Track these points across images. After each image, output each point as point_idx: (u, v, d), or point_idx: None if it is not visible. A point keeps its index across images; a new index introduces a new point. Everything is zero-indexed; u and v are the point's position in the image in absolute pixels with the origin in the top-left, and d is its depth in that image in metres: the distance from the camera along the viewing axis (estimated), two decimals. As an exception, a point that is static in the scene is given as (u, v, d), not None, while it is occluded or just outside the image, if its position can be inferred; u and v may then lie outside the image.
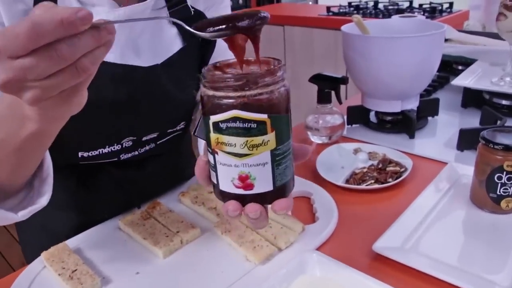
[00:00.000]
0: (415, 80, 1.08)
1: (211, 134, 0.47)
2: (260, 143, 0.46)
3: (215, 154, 0.48)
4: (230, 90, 0.45)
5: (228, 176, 0.48)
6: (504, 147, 0.77)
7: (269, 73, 0.46)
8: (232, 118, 0.45)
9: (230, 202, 0.50)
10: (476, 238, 0.76)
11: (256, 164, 0.47)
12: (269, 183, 0.48)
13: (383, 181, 0.90)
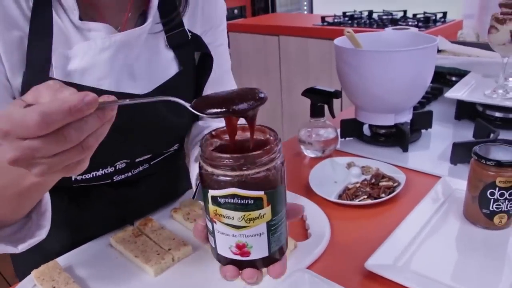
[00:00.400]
0: (408, 93, 1.08)
1: (209, 205, 0.48)
2: (257, 216, 0.47)
3: (213, 223, 0.49)
4: (228, 169, 0.46)
5: (226, 243, 0.49)
6: (496, 163, 0.76)
7: (266, 152, 0.47)
8: (230, 195, 0.46)
9: (228, 267, 0.51)
10: (469, 255, 0.76)
11: (253, 234, 0.48)
12: (265, 250, 0.50)
13: (376, 196, 0.90)
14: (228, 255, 0.50)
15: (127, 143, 0.79)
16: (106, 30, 0.74)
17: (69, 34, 0.72)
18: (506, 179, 0.76)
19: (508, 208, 0.79)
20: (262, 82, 3.13)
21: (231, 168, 0.46)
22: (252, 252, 0.49)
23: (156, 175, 0.91)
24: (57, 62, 0.71)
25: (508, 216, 0.80)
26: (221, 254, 0.51)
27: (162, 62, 0.82)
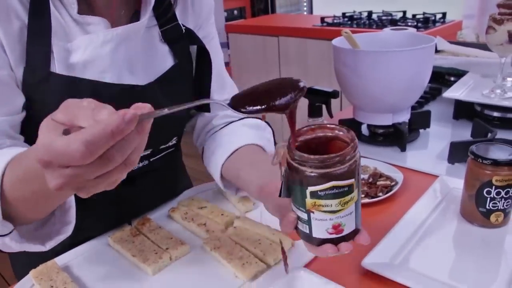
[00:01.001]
0: (405, 93, 1.08)
1: (307, 199, 0.55)
2: (349, 199, 0.55)
3: (310, 213, 0.56)
4: (328, 168, 0.53)
5: (322, 227, 0.57)
6: (492, 162, 0.77)
7: (353, 146, 0.54)
8: (330, 187, 0.54)
9: (327, 246, 0.58)
10: (466, 253, 0.76)
11: (346, 215, 0.56)
12: (353, 225, 0.58)
13: (373, 195, 0.90)
14: (324, 236, 0.58)
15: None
16: (104, 24, 0.75)
17: (68, 28, 0.73)
18: (502, 178, 0.77)
19: (504, 207, 0.79)
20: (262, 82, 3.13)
21: (330, 166, 0.53)
22: (345, 229, 0.57)
23: (154, 174, 0.91)
24: (59, 55, 0.72)
25: (505, 215, 0.80)
26: (317, 237, 0.58)
27: (158, 56, 0.83)
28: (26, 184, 0.58)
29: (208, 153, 0.90)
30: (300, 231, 0.60)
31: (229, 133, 0.89)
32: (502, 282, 0.68)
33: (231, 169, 0.82)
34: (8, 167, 0.60)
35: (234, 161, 0.82)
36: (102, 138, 0.41)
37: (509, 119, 1.23)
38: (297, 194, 0.56)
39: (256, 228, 0.80)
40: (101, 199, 0.86)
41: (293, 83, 0.53)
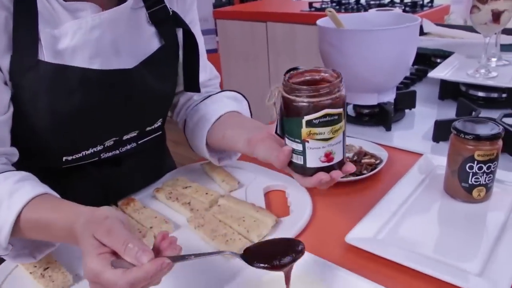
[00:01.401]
0: (390, 73, 1.08)
1: (302, 129, 0.63)
2: (339, 128, 0.64)
3: (305, 143, 0.64)
4: (322, 97, 0.61)
5: (316, 156, 0.64)
6: (474, 137, 0.77)
7: (340, 80, 0.63)
8: (324, 115, 0.61)
9: (320, 173, 0.65)
10: (449, 228, 0.77)
11: (336, 143, 0.64)
12: (341, 154, 0.66)
13: (358, 173, 0.90)
14: (317, 165, 0.65)
15: (115, 119, 0.80)
16: (92, 9, 0.74)
17: (56, 14, 0.72)
18: (484, 153, 0.77)
19: (486, 182, 0.80)
20: (250, 68, 3.12)
21: (323, 95, 0.61)
22: (334, 158, 0.65)
23: (140, 156, 0.91)
24: (46, 42, 0.71)
25: (487, 190, 0.81)
26: (310, 166, 0.65)
27: (144, 37, 0.82)
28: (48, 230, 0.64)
29: (191, 124, 0.92)
30: (295, 164, 0.67)
31: (211, 103, 0.92)
32: (484, 255, 0.69)
33: (216, 133, 0.86)
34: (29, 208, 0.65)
35: (219, 125, 0.86)
36: (142, 281, 0.52)
37: (493, 98, 1.23)
38: (292, 127, 0.64)
39: (240, 206, 0.80)
40: (88, 180, 0.86)
41: (294, 245, 0.61)
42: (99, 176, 0.87)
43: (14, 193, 0.65)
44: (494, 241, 0.72)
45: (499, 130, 0.78)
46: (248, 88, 3.01)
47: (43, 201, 0.66)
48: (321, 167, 0.65)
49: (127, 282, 0.51)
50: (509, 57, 1.38)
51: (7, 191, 0.65)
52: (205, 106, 0.93)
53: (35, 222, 0.65)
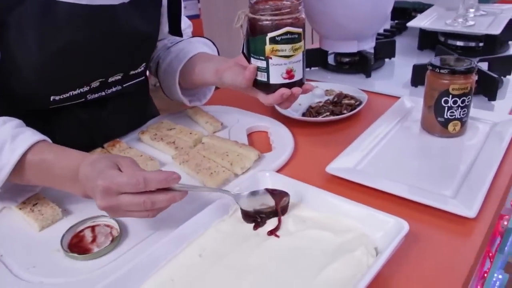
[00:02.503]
0: (369, 20, 1.10)
1: (266, 46, 0.70)
2: (299, 47, 0.71)
3: (268, 59, 0.72)
4: (284, 15, 0.69)
5: (278, 72, 0.72)
6: (449, 71, 0.80)
7: (300, 3, 0.70)
8: (285, 33, 0.69)
9: (282, 89, 0.74)
10: (425, 160, 0.80)
11: (296, 61, 0.72)
12: (301, 73, 0.74)
13: (338, 113, 0.93)
14: (279, 81, 0.74)
15: (102, 59, 0.81)
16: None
17: None
18: (458, 86, 0.80)
19: (461, 116, 0.83)
20: (233, 35, 3.11)
21: (287, 13, 0.68)
22: (295, 75, 0.73)
23: (125, 99, 0.92)
24: None
25: (462, 124, 0.84)
26: (273, 83, 0.74)
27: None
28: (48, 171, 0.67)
29: (164, 65, 0.95)
30: (259, 82, 0.75)
31: (184, 46, 0.95)
32: (458, 181, 0.72)
33: (187, 70, 0.90)
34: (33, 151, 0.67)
35: (190, 64, 0.90)
36: (154, 180, 0.58)
37: (471, 47, 1.26)
38: (257, 45, 0.71)
39: (224, 143, 0.82)
40: (75, 123, 0.87)
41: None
42: (85, 118, 0.88)
43: (17, 136, 0.67)
44: (467, 170, 0.75)
45: (472, 64, 0.81)
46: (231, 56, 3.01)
47: (47, 145, 0.69)
48: (283, 84, 0.73)
49: (143, 176, 0.58)
50: (487, 8, 1.40)
51: (8, 134, 0.67)
52: (178, 48, 0.96)
53: (38, 163, 0.67)
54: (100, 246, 0.64)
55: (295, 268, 0.55)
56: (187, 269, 0.56)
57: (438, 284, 0.55)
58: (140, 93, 1.00)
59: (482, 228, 0.64)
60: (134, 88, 0.91)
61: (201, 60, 0.90)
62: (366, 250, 0.55)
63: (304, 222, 0.62)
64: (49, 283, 0.59)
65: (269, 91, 0.75)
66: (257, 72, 0.74)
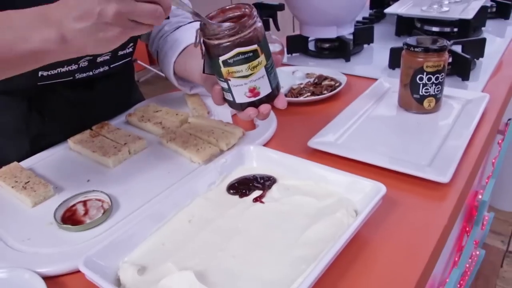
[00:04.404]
0: (347, 6, 1.14)
1: (222, 69, 0.65)
2: (257, 64, 0.65)
3: (228, 81, 0.67)
4: (230, 37, 0.62)
5: (241, 92, 0.68)
6: (423, 49, 0.84)
7: (250, 17, 0.63)
8: (236, 54, 0.63)
9: (248, 109, 0.69)
10: (402, 134, 0.84)
11: (258, 78, 0.66)
12: (268, 87, 0.69)
13: (318, 93, 0.96)
14: (245, 100, 0.68)
15: None
16: None
17: None
18: (432, 64, 0.84)
19: (435, 92, 0.87)
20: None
21: (232, 35, 0.62)
22: (261, 92, 0.68)
23: (112, 80, 0.94)
24: None
25: (436, 100, 0.88)
26: (239, 102, 0.69)
27: None
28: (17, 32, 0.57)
29: (161, 55, 0.95)
30: (227, 100, 0.71)
31: (179, 35, 0.94)
32: (432, 152, 0.76)
33: (181, 64, 0.88)
34: None
35: (183, 57, 0.88)
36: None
37: (446, 32, 1.30)
38: (215, 67, 0.66)
39: (209, 122, 0.85)
40: (63, 103, 0.89)
41: None
42: (73, 98, 0.90)
43: None
44: (441, 142, 0.79)
45: (445, 43, 0.85)
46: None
47: None
48: (249, 102, 0.69)
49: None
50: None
51: None
52: (173, 37, 0.95)
53: None
54: (93, 218, 0.66)
55: (280, 230, 0.58)
56: (177, 234, 0.59)
57: (415, 242, 0.59)
58: (126, 76, 1.02)
59: (455, 192, 0.68)
60: (120, 69, 0.93)
61: (192, 56, 0.85)
62: (347, 211, 0.59)
63: (288, 190, 0.65)
64: (44, 252, 0.61)
65: (239, 108, 0.71)
66: (223, 92, 0.70)
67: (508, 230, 2.08)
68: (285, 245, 0.55)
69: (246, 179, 0.68)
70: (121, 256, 0.56)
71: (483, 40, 1.13)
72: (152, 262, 0.55)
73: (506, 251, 1.97)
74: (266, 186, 0.66)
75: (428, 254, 0.57)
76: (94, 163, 0.80)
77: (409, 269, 0.55)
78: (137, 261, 0.55)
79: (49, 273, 0.58)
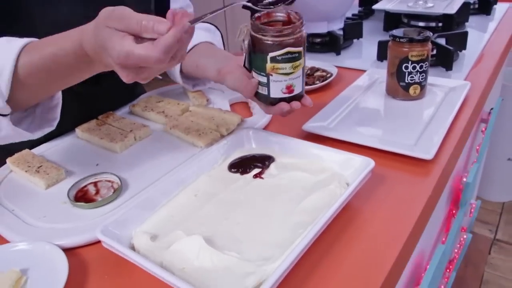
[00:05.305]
0: (337, 1, 1.20)
1: (267, 64, 0.72)
2: (299, 64, 0.73)
3: (269, 76, 0.73)
4: (284, 37, 0.70)
5: (278, 88, 0.74)
6: (408, 40, 0.90)
7: (301, 22, 0.72)
8: (286, 53, 0.71)
9: (282, 103, 0.75)
10: (390, 119, 0.90)
11: (296, 77, 0.74)
12: (300, 88, 0.76)
13: (311, 84, 1.02)
14: (279, 96, 0.75)
15: None
16: None
17: None
18: (417, 53, 0.90)
19: (420, 80, 0.93)
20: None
21: (287, 35, 0.70)
22: (295, 90, 0.75)
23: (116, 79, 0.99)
24: None
25: (421, 87, 0.94)
26: (273, 97, 0.75)
27: None
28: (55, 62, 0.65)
29: None
30: (260, 95, 0.76)
31: None
32: (417, 134, 0.82)
33: (190, 61, 0.92)
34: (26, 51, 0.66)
35: (192, 55, 0.91)
36: (174, 46, 0.56)
37: (431, 27, 1.37)
38: (259, 62, 0.73)
39: (209, 110, 0.91)
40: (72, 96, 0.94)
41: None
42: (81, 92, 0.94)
43: (11, 40, 0.67)
44: (426, 124, 0.85)
45: (428, 34, 0.91)
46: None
47: (42, 39, 0.68)
48: (282, 98, 0.75)
49: (161, 50, 0.55)
50: (445, -8, 1.52)
51: (3, 40, 0.67)
52: None
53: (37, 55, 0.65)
54: (104, 197, 0.71)
55: (279, 201, 0.64)
56: (184, 207, 0.64)
57: (401, 211, 0.65)
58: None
59: (438, 168, 0.74)
60: None
61: (204, 54, 0.91)
62: (339, 184, 0.65)
63: (285, 167, 0.71)
64: (60, 227, 0.66)
65: (270, 104, 0.76)
66: (258, 85, 0.76)
67: (495, 220, 2.15)
68: (284, 213, 0.61)
69: (246, 158, 0.73)
70: (134, 227, 0.61)
71: (465, 33, 1.19)
72: (163, 231, 0.60)
73: (493, 239, 2.04)
74: (265, 165, 0.72)
75: (413, 222, 0.63)
76: (101, 149, 0.85)
77: (396, 235, 0.61)
78: (149, 230, 0.60)
79: (66, 245, 0.63)
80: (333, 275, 0.55)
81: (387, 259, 0.57)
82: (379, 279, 0.54)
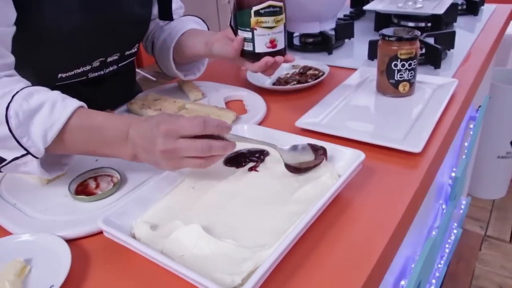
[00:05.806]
0: (329, 1, 1.23)
1: (251, 18, 0.80)
2: (280, 19, 0.81)
3: (253, 30, 0.81)
4: None
5: (262, 42, 0.82)
6: (397, 38, 0.93)
7: None
8: (268, 6, 0.79)
9: (266, 56, 0.83)
10: (380, 115, 0.93)
11: (278, 32, 0.82)
12: (283, 43, 0.84)
13: (304, 82, 1.05)
14: (264, 50, 0.83)
15: (104, 41, 0.91)
16: None
17: None
18: (405, 51, 0.93)
19: (409, 77, 0.96)
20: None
21: None
22: (278, 45, 0.83)
23: (118, 77, 1.02)
24: None
25: (410, 85, 0.97)
26: (258, 51, 0.83)
27: None
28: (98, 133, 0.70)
29: (159, 43, 1.03)
30: (246, 52, 0.85)
31: (176, 24, 1.04)
32: (406, 129, 0.85)
33: (180, 45, 0.98)
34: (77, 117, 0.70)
35: (182, 39, 0.99)
36: (212, 123, 0.64)
37: (421, 27, 1.40)
38: (243, 18, 0.81)
39: (205, 107, 0.93)
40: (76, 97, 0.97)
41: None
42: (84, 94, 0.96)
43: (66, 98, 0.71)
44: (414, 120, 0.88)
45: (416, 33, 0.94)
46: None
47: (92, 110, 0.73)
48: (267, 52, 0.83)
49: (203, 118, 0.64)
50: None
51: (59, 95, 0.71)
52: (170, 26, 1.04)
53: (86, 125, 0.70)
54: (104, 190, 0.73)
55: (273, 191, 0.66)
56: (183, 198, 0.67)
57: (391, 202, 0.68)
58: (130, 72, 1.10)
59: (426, 161, 0.77)
60: (126, 67, 1.01)
61: (192, 35, 0.98)
62: (331, 175, 0.67)
63: (279, 160, 0.73)
64: (61, 220, 0.68)
65: (255, 59, 0.84)
66: (244, 42, 0.84)
67: (486, 216, 2.18)
68: (278, 203, 0.63)
69: (241, 153, 0.76)
70: (134, 217, 0.63)
71: (453, 32, 1.22)
72: (162, 221, 0.63)
73: (484, 235, 2.08)
74: (260, 158, 0.74)
75: (401, 212, 0.66)
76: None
77: (385, 224, 0.63)
78: (149, 220, 0.63)
79: (67, 236, 0.65)
80: (325, 261, 0.58)
81: (377, 246, 0.60)
82: (369, 265, 0.57)
